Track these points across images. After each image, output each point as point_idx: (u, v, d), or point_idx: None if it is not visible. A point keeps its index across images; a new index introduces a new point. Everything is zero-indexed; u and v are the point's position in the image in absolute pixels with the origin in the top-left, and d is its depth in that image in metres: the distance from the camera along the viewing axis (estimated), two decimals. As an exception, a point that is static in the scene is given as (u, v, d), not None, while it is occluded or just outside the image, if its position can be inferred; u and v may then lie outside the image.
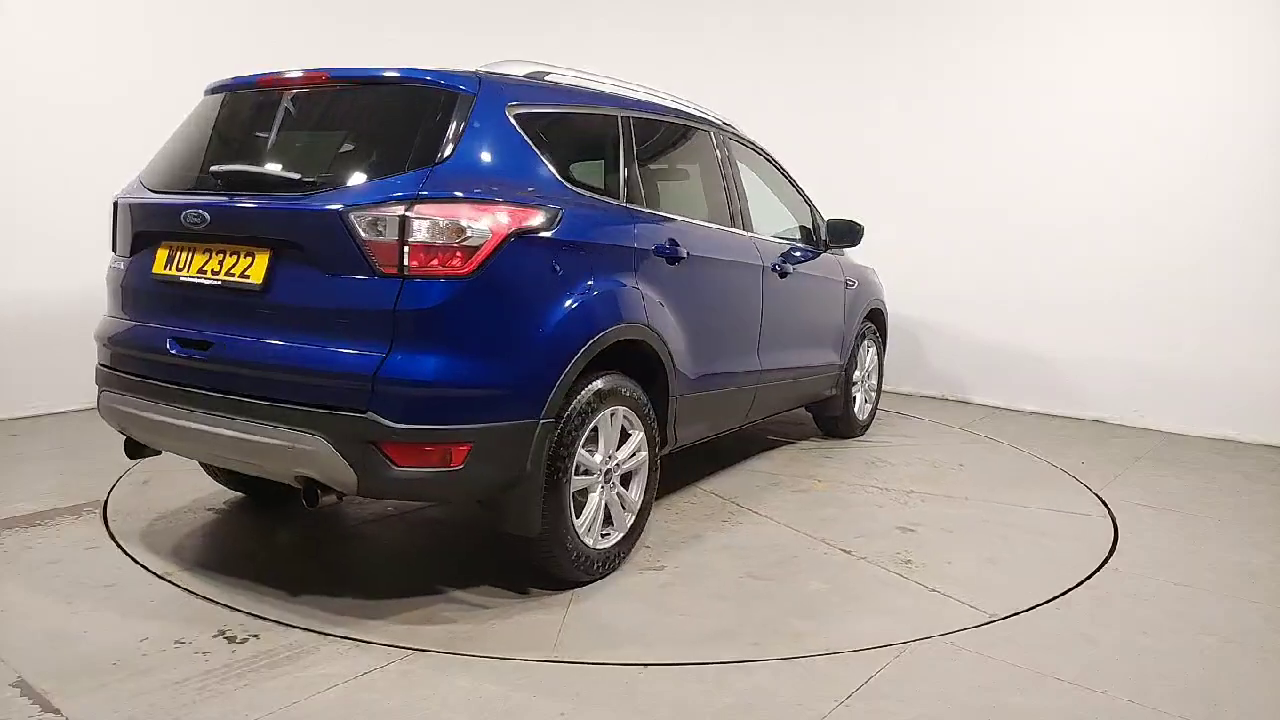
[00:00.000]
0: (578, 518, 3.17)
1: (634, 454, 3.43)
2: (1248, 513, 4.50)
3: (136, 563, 3.34)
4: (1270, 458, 5.65)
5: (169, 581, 3.18)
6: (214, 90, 3.42)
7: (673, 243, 3.67)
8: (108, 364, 3.32)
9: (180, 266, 3.09)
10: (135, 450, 3.36)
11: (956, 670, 2.76)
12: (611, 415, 3.28)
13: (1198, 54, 6.02)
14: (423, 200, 2.75)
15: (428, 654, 2.73)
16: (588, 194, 3.34)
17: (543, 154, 3.17)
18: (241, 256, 2.95)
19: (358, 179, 2.87)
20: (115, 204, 3.40)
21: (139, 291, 3.26)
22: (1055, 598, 3.34)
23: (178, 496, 4.09)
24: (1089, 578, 3.55)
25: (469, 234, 2.78)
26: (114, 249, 3.43)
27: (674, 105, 4.18)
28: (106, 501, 3.99)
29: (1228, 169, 5.94)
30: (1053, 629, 3.09)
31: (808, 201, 5.12)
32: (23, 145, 5.32)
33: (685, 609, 3.14)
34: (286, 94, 3.24)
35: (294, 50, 5.36)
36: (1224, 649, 2.98)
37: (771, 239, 4.67)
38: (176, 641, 2.74)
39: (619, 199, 3.51)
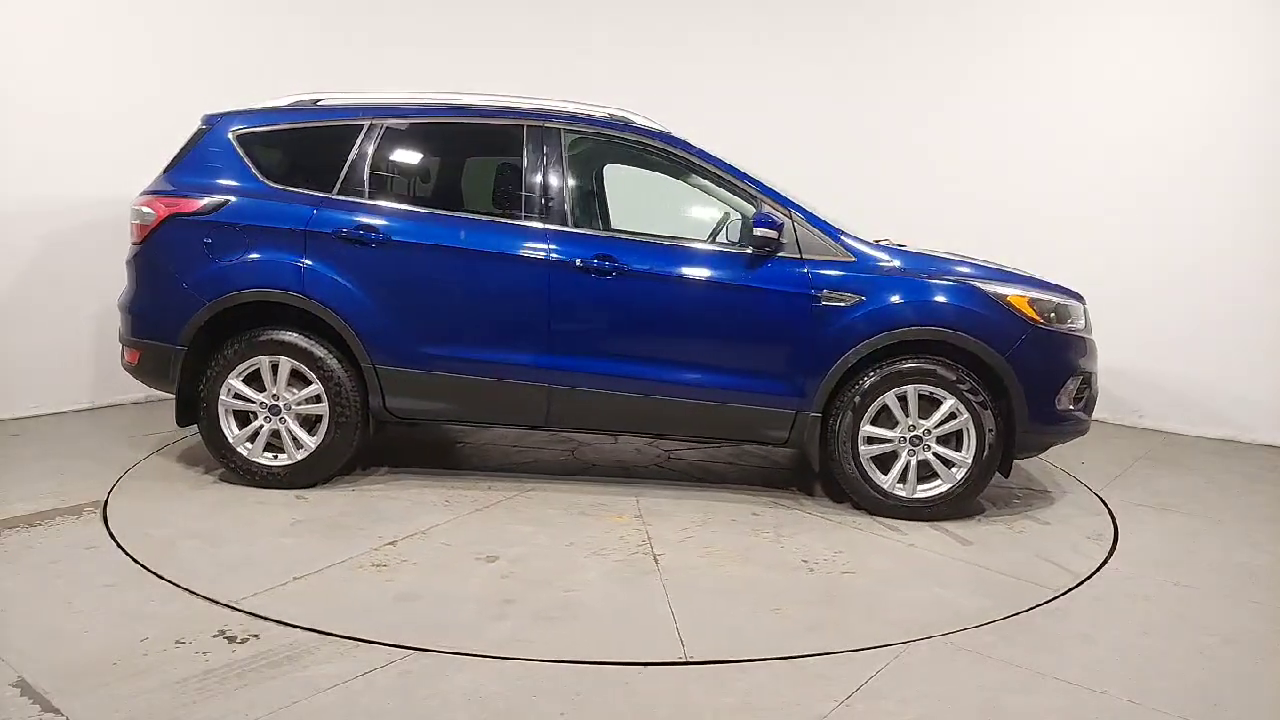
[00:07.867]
0: (238, 431, 4.15)
1: (311, 400, 4.14)
2: (1248, 513, 4.49)
3: (136, 562, 3.34)
4: (1270, 458, 5.65)
5: (169, 581, 3.18)
6: None
7: (361, 228, 4.11)
8: None
9: None
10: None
11: (956, 670, 2.76)
12: (276, 362, 4.12)
13: (1198, 56, 6.01)
14: (140, 196, 4.28)
15: (428, 654, 2.73)
16: (283, 188, 4.19)
17: (250, 160, 4.23)
18: None
19: None
20: None
21: None
22: (1055, 598, 3.34)
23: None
24: (1089, 578, 3.55)
25: (146, 216, 4.20)
26: None
27: (472, 105, 4.33)
28: (106, 501, 3.99)
29: (1227, 169, 5.92)
30: (1053, 629, 3.09)
31: (754, 199, 4.17)
32: (23, 148, 5.32)
33: (180, 529, 3.67)
34: None
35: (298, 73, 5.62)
36: (1224, 649, 2.98)
37: (600, 234, 4.29)
38: (176, 641, 2.75)
39: (330, 191, 4.19)
